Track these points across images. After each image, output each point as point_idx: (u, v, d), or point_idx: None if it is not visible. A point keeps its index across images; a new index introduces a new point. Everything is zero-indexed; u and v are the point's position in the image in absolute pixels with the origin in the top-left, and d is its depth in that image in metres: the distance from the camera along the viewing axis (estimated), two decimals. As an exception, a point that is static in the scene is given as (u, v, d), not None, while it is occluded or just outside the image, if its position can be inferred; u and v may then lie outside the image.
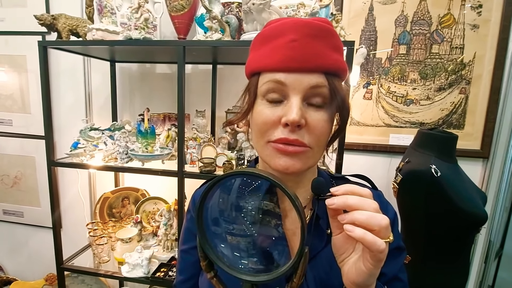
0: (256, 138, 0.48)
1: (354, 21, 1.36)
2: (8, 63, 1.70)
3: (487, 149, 1.33)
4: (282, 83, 0.43)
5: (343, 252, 0.40)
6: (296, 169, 0.45)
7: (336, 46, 0.45)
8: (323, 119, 0.44)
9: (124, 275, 1.24)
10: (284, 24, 0.44)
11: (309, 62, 0.42)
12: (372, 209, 0.36)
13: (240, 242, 0.43)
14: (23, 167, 1.80)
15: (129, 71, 1.60)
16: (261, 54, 0.46)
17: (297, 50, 0.42)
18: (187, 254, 0.59)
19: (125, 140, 1.23)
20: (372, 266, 0.36)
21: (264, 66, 0.45)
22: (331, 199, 0.37)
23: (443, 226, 1.00)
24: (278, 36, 0.44)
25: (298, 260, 0.37)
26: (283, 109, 0.44)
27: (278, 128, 0.44)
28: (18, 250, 1.94)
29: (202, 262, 0.42)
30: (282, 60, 0.43)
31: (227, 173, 0.39)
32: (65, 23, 1.17)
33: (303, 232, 0.36)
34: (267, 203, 0.45)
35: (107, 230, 1.42)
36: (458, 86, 1.32)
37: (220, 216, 0.44)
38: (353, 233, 0.34)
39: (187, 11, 1.24)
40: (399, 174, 1.11)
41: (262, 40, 0.47)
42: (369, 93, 1.41)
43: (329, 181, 0.58)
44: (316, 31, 0.43)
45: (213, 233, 0.43)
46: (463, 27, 1.28)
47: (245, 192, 0.44)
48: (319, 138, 0.45)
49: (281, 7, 1.15)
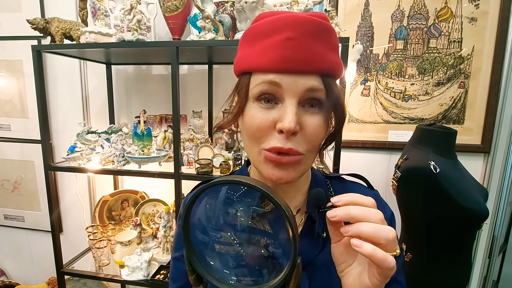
0: (249, 144, 0.45)
1: (350, 17, 1.35)
2: (6, 68, 1.70)
3: (488, 143, 1.31)
4: (277, 84, 0.40)
5: (343, 261, 0.38)
6: (290, 179, 0.42)
7: (334, 45, 0.42)
8: (318, 124, 0.42)
9: (124, 278, 1.24)
10: (280, 20, 0.40)
11: (307, 65, 0.39)
12: (378, 220, 0.33)
13: (229, 252, 0.41)
14: (23, 172, 1.81)
15: (125, 73, 1.60)
16: (253, 52, 0.42)
17: (294, 50, 0.39)
18: (179, 262, 0.56)
19: (121, 142, 1.23)
20: (379, 282, 0.33)
21: (257, 66, 0.41)
22: (333, 211, 0.34)
23: (443, 223, 0.98)
24: (274, 33, 0.40)
25: (290, 272, 0.35)
26: (277, 112, 0.41)
27: (272, 134, 0.41)
28: (20, 254, 1.94)
29: (190, 276, 0.40)
30: (278, 60, 0.39)
31: (212, 182, 0.36)
32: (58, 27, 1.17)
33: (294, 243, 0.34)
34: (257, 209, 0.43)
35: (106, 233, 1.42)
36: (457, 80, 1.31)
37: (207, 225, 0.41)
38: (361, 249, 0.32)
39: (181, 11, 1.23)
40: (398, 171, 1.10)
41: (254, 36, 0.42)
42: (366, 89, 1.39)
43: (324, 181, 0.56)
44: (315, 29, 0.39)
45: (201, 243, 0.41)
46: (460, 20, 1.26)
47: (233, 198, 0.41)
48: (314, 144, 0.43)
49: (275, 5, 1.14)
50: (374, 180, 0.58)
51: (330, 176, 0.58)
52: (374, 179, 0.58)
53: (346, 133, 1.42)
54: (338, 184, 0.56)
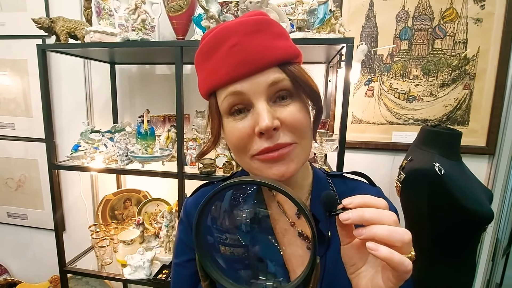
0: (239, 156, 0.45)
1: (355, 18, 1.34)
2: (10, 67, 1.71)
3: (493, 145, 1.30)
4: (240, 92, 0.40)
5: (354, 263, 0.37)
6: (292, 172, 0.42)
7: (277, 33, 0.42)
8: (296, 111, 0.42)
9: (126, 277, 1.24)
10: (217, 33, 0.41)
11: (258, 61, 0.40)
12: (392, 222, 0.32)
13: (240, 254, 0.41)
14: (27, 170, 1.81)
15: (129, 73, 1.60)
16: (208, 72, 0.43)
17: (241, 53, 0.39)
18: (181, 268, 0.55)
19: (125, 142, 1.23)
20: (393, 285, 0.33)
21: (216, 83, 0.42)
22: (346, 214, 0.33)
23: (448, 225, 0.98)
24: (217, 46, 0.41)
25: (310, 272, 0.34)
26: (251, 117, 0.41)
27: (254, 140, 0.41)
28: (23, 252, 1.95)
29: (203, 282, 0.39)
30: (231, 70, 0.40)
31: (225, 185, 0.35)
32: (63, 26, 1.18)
33: (314, 242, 0.33)
34: (262, 211, 0.43)
35: (109, 232, 1.42)
36: (462, 81, 1.30)
37: (217, 229, 0.41)
38: (378, 252, 0.31)
39: (185, 11, 1.23)
40: (402, 173, 1.09)
41: (203, 57, 0.44)
42: (370, 90, 1.39)
43: (325, 180, 0.55)
44: (254, 27, 0.40)
45: (212, 247, 0.40)
46: (466, 21, 1.25)
47: (239, 200, 0.42)
48: (301, 131, 0.42)
49: (279, 5, 1.14)
50: (377, 181, 0.58)
51: (331, 174, 0.58)
52: (377, 180, 0.57)
53: (349, 133, 1.41)
54: (339, 182, 0.56)
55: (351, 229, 0.35)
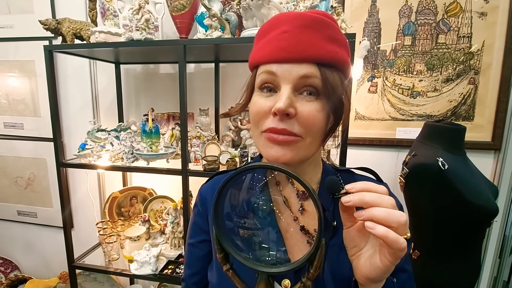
0: (252, 128, 0.49)
1: (357, 14, 1.34)
2: (19, 69, 1.75)
3: (498, 140, 1.28)
4: (274, 73, 0.44)
5: (354, 245, 0.40)
6: (287, 159, 0.44)
7: (332, 37, 0.44)
8: (315, 109, 0.43)
9: (133, 272, 1.27)
10: (278, 18, 0.46)
11: (298, 52, 0.42)
12: (389, 205, 0.35)
13: (252, 235, 0.45)
14: (35, 169, 1.86)
15: (134, 72, 1.63)
16: (258, 48, 0.48)
17: (287, 40, 0.43)
18: (195, 248, 0.59)
19: (130, 140, 1.25)
20: (390, 263, 0.36)
21: (259, 58, 0.47)
22: (347, 197, 0.37)
23: (452, 220, 0.97)
24: (273, 29, 0.45)
25: (315, 251, 0.37)
26: (274, 99, 0.44)
27: (268, 117, 0.45)
28: (33, 249, 2.00)
29: (219, 254, 0.43)
30: (273, 51, 0.44)
31: (245, 167, 0.39)
32: (69, 27, 1.20)
33: (320, 224, 0.36)
34: (268, 203, 0.46)
35: (116, 229, 1.45)
36: (466, 76, 1.28)
37: (231, 211, 0.45)
38: (375, 230, 0.34)
39: (188, 10, 1.25)
40: (405, 168, 1.09)
41: (260, 35, 0.48)
42: (374, 86, 1.38)
43: (334, 174, 0.57)
44: (308, 22, 0.43)
45: (227, 227, 0.44)
46: (470, 15, 1.24)
47: (250, 188, 0.46)
48: (311, 129, 0.44)
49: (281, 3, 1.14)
50: (381, 178, 0.59)
51: (340, 169, 0.60)
52: (381, 176, 0.59)
53: (353, 130, 1.41)
54: (347, 176, 0.58)
55: (352, 213, 0.38)
